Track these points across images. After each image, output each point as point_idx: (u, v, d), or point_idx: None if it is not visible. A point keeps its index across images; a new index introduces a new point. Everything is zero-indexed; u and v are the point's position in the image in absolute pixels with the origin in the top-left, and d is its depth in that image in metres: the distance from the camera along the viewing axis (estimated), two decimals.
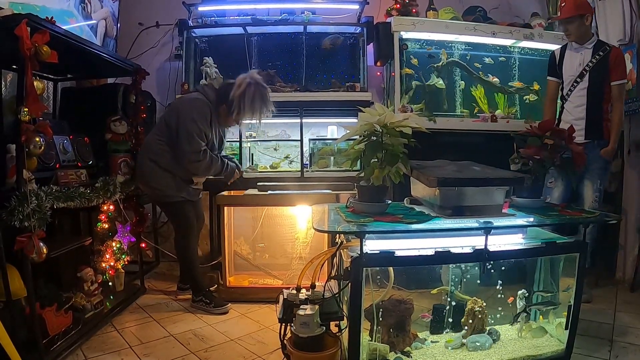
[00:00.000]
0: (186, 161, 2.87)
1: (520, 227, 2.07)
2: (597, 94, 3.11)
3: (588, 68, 3.11)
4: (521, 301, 2.32)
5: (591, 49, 3.13)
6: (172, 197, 2.97)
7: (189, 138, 2.83)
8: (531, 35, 3.87)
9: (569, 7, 3.10)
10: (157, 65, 4.26)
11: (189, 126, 2.84)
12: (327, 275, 2.10)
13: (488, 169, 2.09)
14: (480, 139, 3.67)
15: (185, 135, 2.84)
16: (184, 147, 2.84)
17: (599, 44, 3.14)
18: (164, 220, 4.00)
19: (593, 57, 3.11)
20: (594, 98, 3.11)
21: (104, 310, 2.77)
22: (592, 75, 3.11)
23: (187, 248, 3.06)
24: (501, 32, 3.89)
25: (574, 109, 3.19)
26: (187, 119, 2.85)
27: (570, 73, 3.21)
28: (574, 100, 3.19)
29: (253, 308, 3.01)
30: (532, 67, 4.11)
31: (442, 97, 3.87)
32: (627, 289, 3.45)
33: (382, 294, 2.09)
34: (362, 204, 1.93)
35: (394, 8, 3.97)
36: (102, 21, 3.62)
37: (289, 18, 3.99)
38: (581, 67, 3.14)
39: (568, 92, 3.23)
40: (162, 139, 2.94)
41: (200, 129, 2.86)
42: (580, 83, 3.15)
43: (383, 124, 1.82)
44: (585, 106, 3.13)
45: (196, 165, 2.89)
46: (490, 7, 4.32)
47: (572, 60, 3.22)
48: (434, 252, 1.87)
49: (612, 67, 3.06)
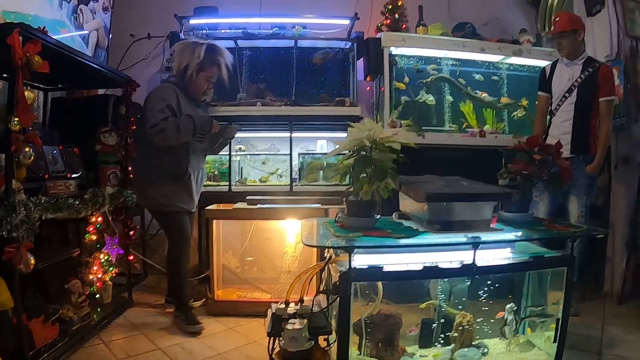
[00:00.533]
0: (153, 138, 2.75)
1: (508, 241, 2.08)
2: (584, 109, 3.16)
3: (577, 83, 3.16)
4: (510, 315, 2.32)
5: (581, 64, 3.18)
6: (168, 206, 2.91)
7: (147, 117, 2.76)
8: (519, 52, 3.93)
9: (564, 21, 3.17)
10: (148, 77, 4.27)
11: (146, 110, 2.80)
12: (316, 290, 2.10)
13: (476, 184, 2.11)
14: (469, 154, 3.70)
15: (143, 115, 2.83)
16: (146, 126, 2.76)
17: (589, 61, 3.20)
18: (153, 233, 3.98)
19: (582, 72, 3.16)
20: (581, 113, 3.16)
21: (91, 322, 2.74)
22: (580, 90, 3.16)
23: (180, 261, 2.99)
24: (490, 48, 3.95)
25: (561, 124, 3.23)
26: (146, 108, 2.82)
27: (560, 88, 3.26)
28: (561, 115, 3.24)
29: (241, 322, 2.99)
30: (521, 82, 4.16)
31: (431, 112, 3.90)
32: (615, 302, 3.48)
33: (370, 309, 2.09)
34: (351, 218, 1.94)
35: (384, 24, 4.03)
36: (94, 32, 3.62)
37: (280, 32, 4.03)
38: (570, 83, 3.19)
39: (557, 106, 3.27)
40: (146, 143, 2.85)
41: (157, 104, 2.79)
42: (569, 98, 3.20)
43: (372, 139, 1.83)
44: (572, 121, 3.18)
45: (164, 135, 2.75)
46: (480, 23, 4.37)
47: (562, 75, 3.27)
48: (422, 267, 1.87)
49: (601, 83, 3.11)
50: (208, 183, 3.81)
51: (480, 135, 3.79)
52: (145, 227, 3.93)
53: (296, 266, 3.23)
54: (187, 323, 2.86)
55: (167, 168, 2.89)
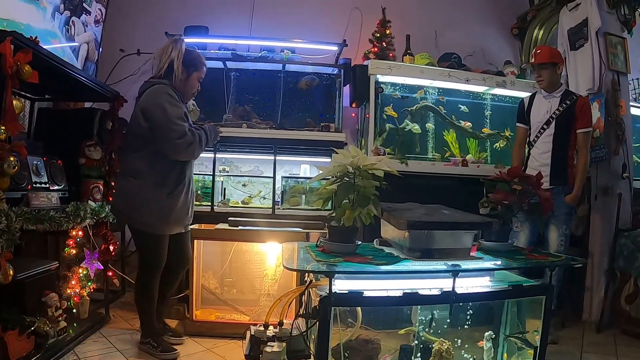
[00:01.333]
0: (178, 151, 2.56)
1: (488, 270, 2.09)
2: (562, 141, 3.23)
3: (555, 116, 3.23)
4: (488, 342, 2.33)
5: (559, 97, 3.26)
6: (159, 228, 2.69)
7: (169, 124, 2.53)
8: (504, 83, 4.02)
9: (544, 54, 3.26)
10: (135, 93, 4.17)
11: (163, 119, 2.54)
12: (295, 313, 2.09)
13: (457, 213, 2.13)
14: (451, 183, 3.75)
15: (165, 124, 2.53)
16: (169, 135, 2.51)
17: (567, 93, 3.28)
18: (132, 249, 3.95)
19: (560, 105, 3.23)
20: (559, 145, 3.22)
21: (67, 337, 2.69)
22: (558, 122, 3.23)
23: (149, 287, 2.77)
24: (474, 79, 4.03)
25: (540, 155, 3.29)
26: (157, 109, 2.56)
27: (538, 120, 3.32)
28: (540, 147, 3.30)
29: (219, 343, 2.96)
30: (504, 113, 4.25)
31: (415, 140, 3.96)
32: (594, 330, 3.52)
33: (349, 333, 2.09)
34: (333, 243, 1.94)
35: (371, 51, 4.11)
36: (84, 44, 3.61)
37: (269, 55, 4.08)
38: (548, 115, 3.26)
39: (535, 138, 3.34)
40: (139, 152, 2.64)
41: (174, 110, 2.58)
42: (547, 130, 3.26)
43: (356, 166, 1.85)
44: (550, 153, 3.24)
45: (192, 148, 2.57)
46: (465, 54, 4.48)
47: (540, 108, 3.34)
48: (402, 294, 1.87)
49: (579, 115, 3.19)
50: None
51: (463, 165, 3.84)
52: (125, 243, 3.89)
53: (276, 289, 3.22)
54: (160, 350, 2.70)
55: (168, 183, 2.66)
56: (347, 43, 4.20)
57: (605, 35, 3.78)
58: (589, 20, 3.79)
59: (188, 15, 4.27)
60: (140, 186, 2.64)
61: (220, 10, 4.42)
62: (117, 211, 2.90)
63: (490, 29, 4.99)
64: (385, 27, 4.20)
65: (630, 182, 3.78)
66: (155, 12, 4.36)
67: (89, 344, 2.83)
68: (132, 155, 2.68)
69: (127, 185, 2.68)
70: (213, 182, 3.75)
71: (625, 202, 3.69)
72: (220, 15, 4.38)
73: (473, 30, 4.90)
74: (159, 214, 2.66)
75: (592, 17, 3.77)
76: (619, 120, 3.67)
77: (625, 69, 3.88)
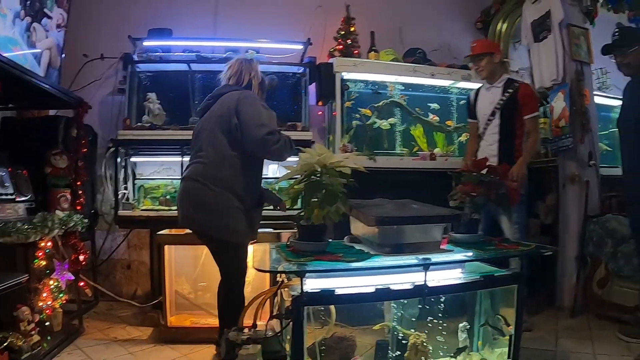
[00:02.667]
0: (267, 145, 2.36)
1: (458, 262, 2.12)
2: (508, 131, 3.26)
3: (499, 106, 3.27)
4: (463, 333, 2.36)
5: (501, 87, 3.30)
6: (244, 236, 2.47)
7: (260, 119, 2.38)
8: (469, 77, 4.06)
9: (479, 46, 3.36)
10: (99, 99, 4.20)
11: (255, 111, 2.41)
12: (269, 314, 2.08)
13: (426, 207, 2.14)
14: (420, 177, 3.75)
15: (255, 119, 2.38)
16: (258, 132, 2.33)
17: (509, 82, 3.31)
18: (103, 258, 3.90)
19: (503, 94, 3.27)
20: (505, 135, 3.26)
21: (41, 351, 2.65)
22: (502, 112, 3.26)
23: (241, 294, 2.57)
24: (440, 73, 4.07)
25: (487, 147, 3.33)
26: (249, 107, 2.43)
27: (484, 112, 3.37)
28: (487, 139, 3.34)
29: (195, 349, 2.94)
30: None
31: (383, 136, 3.97)
32: (568, 315, 3.59)
33: (324, 332, 2.09)
34: (302, 243, 1.94)
35: (336, 49, 4.11)
36: (46, 51, 3.53)
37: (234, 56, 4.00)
38: (492, 106, 3.30)
39: (483, 130, 3.38)
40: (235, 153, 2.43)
41: (264, 111, 2.45)
42: (493, 120, 3.31)
43: (322, 164, 1.85)
44: (497, 144, 3.28)
45: (279, 148, 2.39)
46: (431, 49, 4.52)
47: (484, 100, 3.39)
48: (374, 289, 1.88)
49: (522, 103, 3.23)
50: (159, 207, 3.77)
51: (431, 158, 3.88)
52: (96, 252, 3.84)
53: (249, 291, 3.16)
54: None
55: (254, 188, 2.50)
56: (311, 41, 4.20)
57: (568, 26, 3.85)
58: (552, 12, 3.86)
59: (151, 17, 4.20)
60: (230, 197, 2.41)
61: (183, 12, 4.37)
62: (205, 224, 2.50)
63: (455, 23, 5.03)
64: (350, 24, 4.21)
65: (597, 169, 3.86)
66: (118, 16, 4.28)
67: (64, 357, 2.78)
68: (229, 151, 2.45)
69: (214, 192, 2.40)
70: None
71: (592, 189, 3.77)
72: (184, 17, 4.33)
73: (438, 25, 4.94)
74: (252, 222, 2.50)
75: (555, 9, 3.84)
76: (583, 110, 3.74)
77: (589, 59, 3.96)
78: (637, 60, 2.79)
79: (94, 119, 3.96)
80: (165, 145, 3.73)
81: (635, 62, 2.79)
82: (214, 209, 2.39)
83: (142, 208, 3.83)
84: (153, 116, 3.77)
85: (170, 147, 3.72)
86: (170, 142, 3.66)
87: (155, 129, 3.71)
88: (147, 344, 3.06)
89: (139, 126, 3.74)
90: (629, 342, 2.95)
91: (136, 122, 3.83)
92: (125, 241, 4.21)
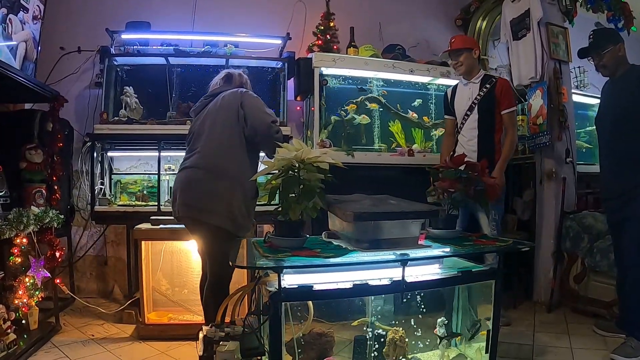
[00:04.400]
0: (272, 133, 2.47)
1: (436, 257, 2.13)
2: (487, 126, 3.27)
3: (477, 101, 3.28)
4: (441, 328, 2.37)
5: (478, 82, 3.32)
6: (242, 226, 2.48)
7: (265, 108, 2.56)
8: (448, 73, 4.07)
9: (458, 41, 3.37)
10: (76, 93, 4.13)
11: (259, 103, 2.58)
12: (247, 310, 2.07)
13: (403, 203, 2.15)
14: (398, 173, 3.78)
15: (261, 107, 2.55)
16: (265, 117, 2.50)
17: (486, 78, 3.34)
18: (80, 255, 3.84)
19: (480, 90, 3.29)
20: (484, 130, 3.27)
21: (17, 350, 2.60)
22: (480, 107, 3.27)
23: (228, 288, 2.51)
24: (419, 70, 4.06)
25: (467, 143, 3.33)
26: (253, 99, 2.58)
27: (461, 108, 3.38)
28: (466, 134, 3.34)
29: (173, 345, 2.92)
30: None
31: (361, 131, 3.96)
32: (545, 310, 3.63)
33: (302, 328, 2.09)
34: (280, 238, 1.93)
35: (315, 44, 4.09)
36: (22, 43, 3.46)
37: (212, 50, 4.02)
38: (470, 101, 3.31)
39: (461, 125, 3.38)
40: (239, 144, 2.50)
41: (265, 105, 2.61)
42: (471, 115, 3.31)
43: (300, 159, 1.84)
44: (477, 139, 3.28)
45: (279, 137, 2.46)
46: (410, 45, 4.53)
47: (462, 96, 3.40)
48: (352, 285, 1.88)
49: (500, 98, 3.25)
50: (137, 203, 3.74)
51: (409, 154, 3.87)
52: (72, 248, 3.78)
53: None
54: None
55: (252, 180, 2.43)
56: (290, 36, 4.19)
57: (547, 25, 3.90)
58: (531, 11, 3.90)
59: (129, 10, 4.14)
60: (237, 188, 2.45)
61: (162, 5, 4.32)
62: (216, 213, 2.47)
63: (434, 20, 5.05)
64: (329, 19, 4.19)
65: (574, 166, 3.92)
66: (95, 8, 4.21)
67: (41, 356, 2.74)
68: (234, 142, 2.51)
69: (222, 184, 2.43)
70: (159, 181, 3.68)
71: (569, 186, 3.83)
72: (162, 10, 4.28)
73: (417, 22, 4.96)
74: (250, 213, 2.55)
75: (534, 8, 3.88)
76: (561, 107, 3.79)
77: (567, 57, 4.01)
78: (611, 61, 2.84)
79: (70, 113, 3.90)
80: (143, 140, 3.70)
81: (610, 63, 2.84)
82: (217, 196, 2.40)
83: (119, 203, 3.80)
84: (130, 110, 3.73)
85: (148, 142, 3.69)
86: (148, 136, 3.64)
87: (132, 123, 3.68)
88: (125, 341, 3.03)
89: (116, 120, 3.70)
90: (605, 336, 3.00)
91: (113, 117, 3.79)
92: (102, 237, 4.15)
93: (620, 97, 2.81)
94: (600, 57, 2.86)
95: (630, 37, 3.87)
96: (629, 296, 2.77)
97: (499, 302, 2.19)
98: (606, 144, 2.95)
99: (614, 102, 2.88)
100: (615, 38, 2.88)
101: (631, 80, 2.78)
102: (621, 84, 2.84)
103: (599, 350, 2.80)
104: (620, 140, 2.79)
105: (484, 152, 3.22)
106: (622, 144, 2.77)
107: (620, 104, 2.80)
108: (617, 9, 3.98)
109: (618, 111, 2.81)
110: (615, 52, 2.82)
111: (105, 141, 3.77)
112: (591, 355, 2.76)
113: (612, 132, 2.85)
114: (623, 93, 2.80)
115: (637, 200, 2.67)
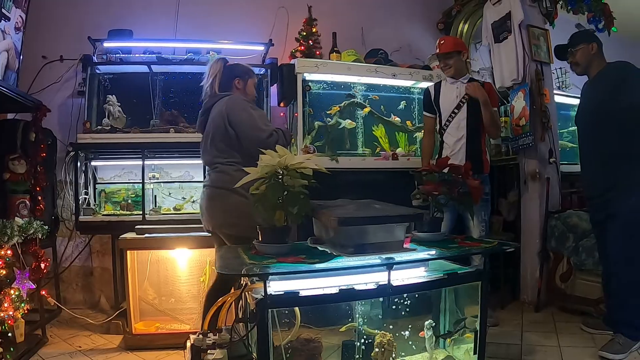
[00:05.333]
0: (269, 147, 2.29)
1: (422, 260, 2.14)
2: (475, 125, 3.27)
3: (465, 100, 3.28)
4: (429, 331, 2.38)
5: (466, 83, 3.31)
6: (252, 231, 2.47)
7: (254, 122, 2.56)
8: (430, 77, 4.06)
9: (449, 43, 3.35)
10: (59, 102, 4.08)
11: (246, 116, 2.57)
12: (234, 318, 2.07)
13: (388, 207, 2.15)
14: (383, 177, 3.76)
15: (250, 124, 2.56)
16: (257, 136, 2.52)
17: (472, 80, 3.35)
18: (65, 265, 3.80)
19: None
20: (472, 130, 3.28)
21: None
22: (469, 106, 3.28)
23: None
24: (401, 74, 4.05)
25: (454, 143, 3.31)
26: (240, 113, 2.58)
27: (448, 105, 3.36)
28: (452, 133, 3.33)
29: (161, 355, 2.91)
30: None
31: (345, 136, 3.96)
32: (532, 309, 3.67)
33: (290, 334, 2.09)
34: (265, 245, 1.93)
35: (298, 50, 4.09)
36: (4, 53, 3.43)
37: (195, 58, 4.00)
38: (458, 99, 3.31)
39: (446, 123, 3.36)
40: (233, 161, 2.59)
41: (256, 112, 2.63)
42: (458, 114, 3.31)
43: (284, 165, 1.85)
44: (464, 140, 3.28)
45: (281, 142, 2.55)
46: (392, 50, 4.56)
47: (449, 94, 3.38)
48: (338, 290, 1.89)
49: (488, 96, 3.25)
50: (121, 212, 3.71)
51: (393, 158, 3.86)
52: (57, 259, 3.74)
53: None
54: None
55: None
56: (273, 42, 4.21)
57: (528, 27, 3.96)
58: (512, 13, 3.95)
59: (111, 18, 4.11)
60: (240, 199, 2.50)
61: (144, 13, 4.29)
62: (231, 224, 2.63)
63: (416, 24, 5.08)
64: (312, 25, 4.19)
65: (557, 166, 3.97)
66: (77, 17, 4.17)
67: None
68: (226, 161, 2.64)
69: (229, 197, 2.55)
70: (143, 190, 3.65)
71: (553, 186, 3.87)
72: (144, 18, 4.25)
73: (400, 26, 4.98)
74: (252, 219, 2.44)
75: (515, 10, 3.93)
76: (543, 109, 3.84)
77: (549, 59, 4.06)
78: (582, 59, 2.89)
79: (53, 123, 3.86)
80: (126, 149, 3.69)
81: (582, 60, 2.89)
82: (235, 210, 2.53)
83: (104, 213, 3.77)
84: (113, 119, 3.71)
85: (132, 151, 3.68)
86: (131, 145, 3.62)
87: (115, 132, 3.65)
88: (112, 352, 3.00)
89: (99, 129, 3.67)
90: (592, 334, 3.05)
91: (96, 125, 3.76)
92: (88, 247, 4.11)
93: (598, 96, 2.86)
94: (573, 55, 2.91)
95: (612, 37, 3.95)
96: (615, 293, 2.80)
97: (486, 303, 2.21)
98: (586, 143, 2.99)
99: (593, 101, 2.92)
100: (588, 37, 2.92)
101: (608, 78, 2.82)
102: (598, 83, 2.88)
103: (587, 347, 2.84)
104: (599, 139, 2.82)
105: (471, 154, 3.23)
106: (601, 142, 2.81)
107: (598, 102, 2.84)
108: (597, 10, 4.05)
109: (596, 109, 2.85)
110: (587, 51, 2.86)
111: (89, 150, 3.74)
112: (580, 352, 2.79)
113: (592, 131, 2.90)
114: (601, 91, 2.84)
115: (620, 199, 2.71)
